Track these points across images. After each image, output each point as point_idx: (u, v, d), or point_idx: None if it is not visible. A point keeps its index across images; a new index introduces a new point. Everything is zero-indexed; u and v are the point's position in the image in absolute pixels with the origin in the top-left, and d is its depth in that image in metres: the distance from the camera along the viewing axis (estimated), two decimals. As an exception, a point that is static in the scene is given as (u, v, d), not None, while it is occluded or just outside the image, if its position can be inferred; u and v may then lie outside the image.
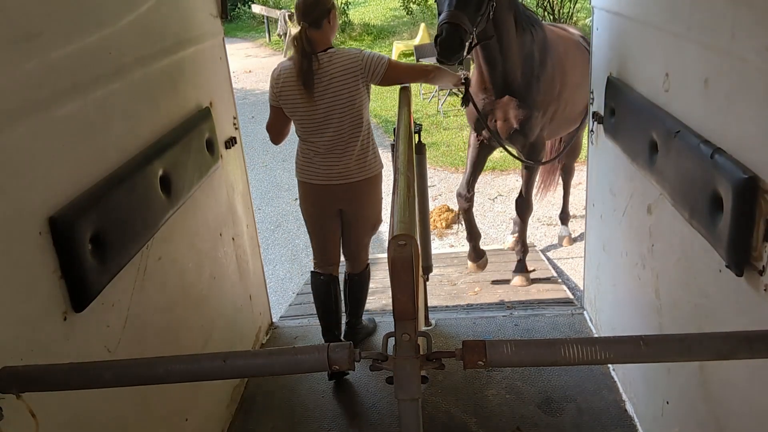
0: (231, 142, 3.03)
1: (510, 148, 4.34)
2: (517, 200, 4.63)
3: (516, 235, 5.91)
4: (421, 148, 3.21)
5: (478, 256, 4.82)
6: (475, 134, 4.43)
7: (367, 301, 4.50)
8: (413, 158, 2.23)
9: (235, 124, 3.15)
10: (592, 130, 3.14)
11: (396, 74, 2.98)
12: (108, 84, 1.88)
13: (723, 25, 1.61)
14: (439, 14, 3.46)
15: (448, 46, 3.33)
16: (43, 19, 1.58)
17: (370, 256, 5.94)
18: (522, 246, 4.74)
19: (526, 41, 3.94)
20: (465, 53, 3.44)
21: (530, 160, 4.29)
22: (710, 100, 1.72)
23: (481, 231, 6.36)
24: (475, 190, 5.00)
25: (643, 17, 2.31)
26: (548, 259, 5.53)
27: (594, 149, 3.16)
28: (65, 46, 1.67)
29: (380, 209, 3.31)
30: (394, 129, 2.82)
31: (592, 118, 3.07)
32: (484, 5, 3.49)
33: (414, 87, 10.87)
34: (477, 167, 4.58)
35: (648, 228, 2.28)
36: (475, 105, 3.83)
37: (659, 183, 2.08)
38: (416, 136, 3.15)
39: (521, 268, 4.76)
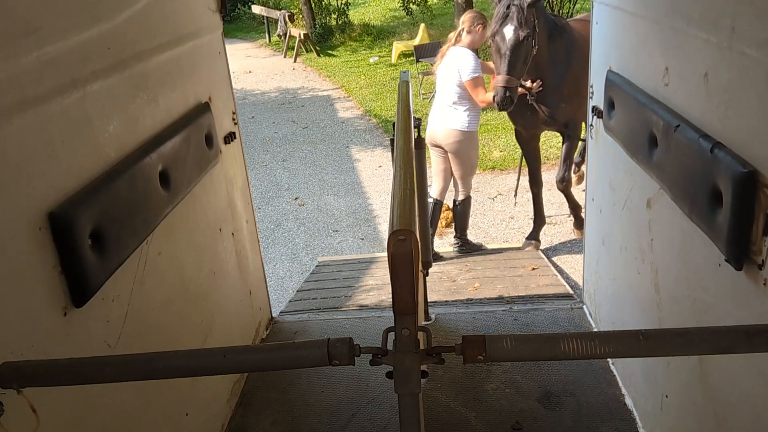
0: (230, 138, 3.02)
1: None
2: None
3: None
4: (420, 143, 3.21)
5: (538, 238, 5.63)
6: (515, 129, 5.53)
7: (366, 296, 4.52)
8: (412, 153, 2.23)
9: (234, 120, 3.14)
10: (591, 125, 3.14)
11: (468, 86, 4.90)
12: (107, 79, 1.87)
13: (723, 19, 1.60)
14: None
15: (503, 107, 4.72)
16: (41, 14, 1.57)
17: (369, 255, 5.97)
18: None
19: (555, 48, 4.91)
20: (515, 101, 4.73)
21: (568, 137, 5.29)
22: (710, 94, 1.72)
23: (480, 230, 6.41)
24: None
25: (643, 11, 2.31)
26: (548, 257, 5.53)
27: (593, 143, 3.15)
28: (63, 41, 1.66)
29: (467, 160, 5.17)
30: (393, 124, 2.83)
31: (592, 112, 3.07)
32: (529, 56, 4.64)
33: (414, 87, 11.02)
34: (532, 160, 5.54)
35: (647, 222, 2.28)
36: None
37: (659, 177, 2.08)
38: (415, 131, 3.14)
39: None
